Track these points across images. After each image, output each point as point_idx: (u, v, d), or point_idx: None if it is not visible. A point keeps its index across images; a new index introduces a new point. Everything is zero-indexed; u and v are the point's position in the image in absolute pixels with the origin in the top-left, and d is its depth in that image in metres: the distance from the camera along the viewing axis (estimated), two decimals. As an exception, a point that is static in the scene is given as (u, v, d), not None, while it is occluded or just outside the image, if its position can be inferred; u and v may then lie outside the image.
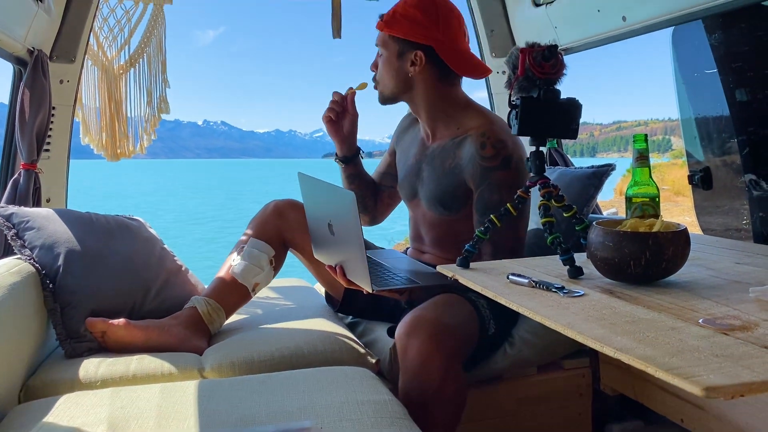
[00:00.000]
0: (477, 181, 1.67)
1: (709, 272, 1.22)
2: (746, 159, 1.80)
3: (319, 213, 1.69)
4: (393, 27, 1.73)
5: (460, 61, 1.73)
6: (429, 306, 1.60)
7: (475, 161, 1.66)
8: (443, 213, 1.77)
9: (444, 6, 1.73)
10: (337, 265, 1.65)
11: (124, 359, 1.58)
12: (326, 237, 1.66)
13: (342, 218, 1.53)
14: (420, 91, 1.77)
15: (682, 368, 0.73)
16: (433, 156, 1.79)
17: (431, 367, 1.48)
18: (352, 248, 1.53)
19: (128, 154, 2.79)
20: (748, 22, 1.73)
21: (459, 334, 1.56)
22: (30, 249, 1.71)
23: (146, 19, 2.75)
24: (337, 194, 1.54)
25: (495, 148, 1.65)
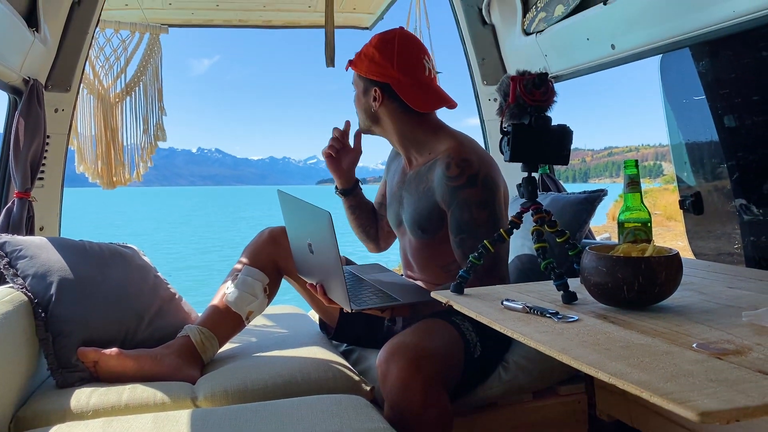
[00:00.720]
0: (447, 201, 1.69)
1: (702, 297, 1.23)
2: (736, 184, 1.82)
3: (299, 232, 1.71)
4: (356, 66, 1.82)
5: (415, 97, 1.76)
6: (409, 331, 1.61)
7: (442, 182, 1.69)
8: (423, 237, 1.80)
9: (401, 43, 1.78)
10: (318, 283, 1.67)
11: (116, 389, 1.57)
12: (307, 256, 1.67)
13: (320, 237, 1.54)
14: (387, 124, 1.83)
15: (677, 393, 0.73)
16: (410, 182, 1.83)
17: (411, 392, 1.47)
18: (330, 267, 1.55)
19: (124, 181, 2.80)
20: (734, 49, 1.76)
21: (441, 359, 1.56)
22: (22, 278, 1.70)
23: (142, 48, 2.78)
24: (314, 213, 1.54)
25: (459, 167, 1.67)
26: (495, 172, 1.71)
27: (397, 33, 1.80)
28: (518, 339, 1.02)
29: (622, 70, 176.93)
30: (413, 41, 1.81)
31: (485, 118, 2.81)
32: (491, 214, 1.66)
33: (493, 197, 1.68)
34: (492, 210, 1.67)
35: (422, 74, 1.79)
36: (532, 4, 2.45)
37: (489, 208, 1.66)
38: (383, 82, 1.78)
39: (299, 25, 3.14)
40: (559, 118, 1.32)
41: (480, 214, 1.65)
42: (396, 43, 1.77)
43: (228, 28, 3.12)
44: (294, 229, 1.75)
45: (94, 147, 2.73)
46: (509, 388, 1.77)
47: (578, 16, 2.14)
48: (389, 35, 1.79)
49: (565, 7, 2.20)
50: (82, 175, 2.75)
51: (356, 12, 3.08)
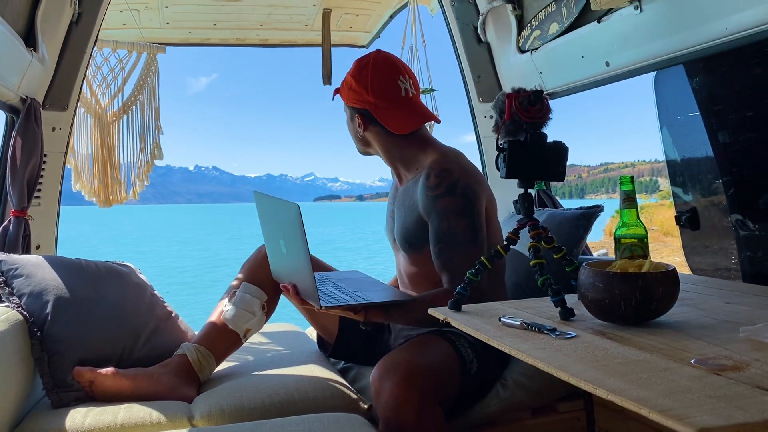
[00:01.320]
0: (427, 211, 1.69)
1: (699, 312, 1.23)
2: (732, 199, 1.83)
3: (272, 231, 1.70)
4: (341, 94, 1.85)
5: (392, 119, 1.77)
6: (404, 348, 1.60)
7: (422, 192, 1.70)
8: (411, 252, 1.79)
9: (375, 68, 1.78)
10: (290, 283, 1.65)
11: (112, 408, 1.55)
12: (280, 255, 1.66)
13: (290, 232, 1.53)
14: (375, 146, 1.85)
15: (676, 409, 0.73)
16: (400, 198, 1.83)
17: (405, 409, 1.46)
18: (300, 262, 1.53)
19: (120, 200, 2.80)
20: (727, 66, 1.78)
21: (435, 375, 1.54)
22: (18, 296, 1.69)
23: (140, 68, 2.80)
24: (283, 207, 1.54)
25: (438, 177, 1.67)
26: (477, 183, 1.70)
27: (371, 58, 1.80)
28: (516, 356, 1.02)
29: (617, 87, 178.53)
30: (387, 63, 1.80)
31: (481, 135, 2.83)
32: (470, 224, 1.65)
33: (472, 207, 1.66)
34: (470, 220, 1.65)
35: (398, 96, 1.77)
36: (526, 22, 2.47)
37: (467, 218, 1.65)
38: (362, 109, 1.79)
39: (296, 44, 3.17)
40: (554, 134, 1.32)
41: (458, 223, 1.64)
42: (370, 68, 1.77)
43: (225, 46, 3.15)
44: (268, 230, 1.74)
45: (91, 165, 2.74)
46: (508, 406, 1.76)
47: (572, 33, 2.16)
48: (364, 61, 1.80)
49: (560, 25, 2.22)
50: (78, 193, 2.75)
51: (352, 30, 3.11)
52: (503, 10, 2.55)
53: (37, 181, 2.16)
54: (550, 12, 2.29)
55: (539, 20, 2.36)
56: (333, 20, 2.92)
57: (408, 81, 1.80)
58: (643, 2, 1.81)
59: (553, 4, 2.26)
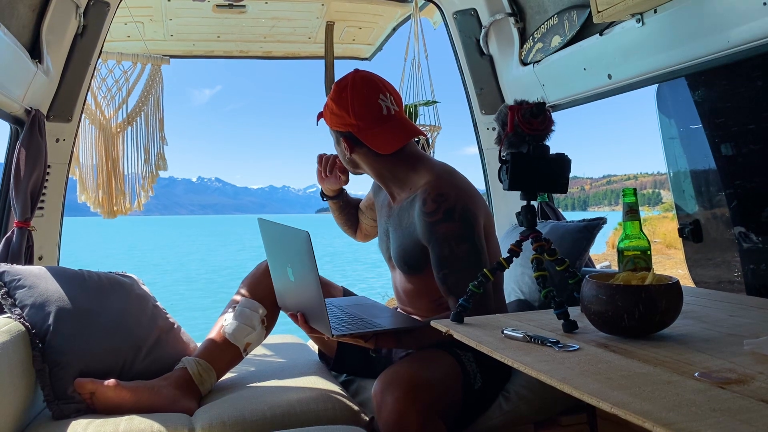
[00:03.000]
0: (426, 237, 1.67)
1: (703, 325, 1.22)
2: (735, 212, 1.83)
3: (278, 259, 1.68)
4: (325, 118, 1.83)
5: (376, 140, 1.74)
6: (406, 361, 1.59)
7: (421, 218, 1.67)
8: (410, 272, 1.78)
9: (353, 89, 1.74)
10: (298, 312, 1.64)
11: (113, 420, 1.55)
12: (287, 283, 1.64)
13: (299, 260, 1.52)
14: (366, 168, 1.84)
15: (680, 423, 0.72)
16: (395, 218, 1.81)
17: (407, 423, 1.44)
18: (310, 291, 1.51)
19: (125, 211, 2.81)
20: (729, 79, 1.78)
21: (438, 389, 1.53)
22: (20, 308, 1.69)
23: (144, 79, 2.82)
24: (292, 235, 1.51)
25: (436, 202, 1.65)
26: (474, 203, 1.68)
27: (349, 79, 1.77)
28: (519, 368, 1.02)
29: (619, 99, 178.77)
30: (366, 82, 1.76)
31: (484, 146, 2.83)
32: (471, 248, 1.63)
33: (472, 230, 1.64)
34: (471, 243, 1.63)
35: (379, 114, 1.74)
36: (529, 34, 2.48)
37: (468, 242, 1.63)
38: (346, 132, 1.77)
39: (299, 56, 3.18)
40: (557, 146, 1.33)
41: (459, 248, 1.62)
42: (348, 90, 1.74)
43: (229, 59, 3.17)
44: (275, 258, 1.72)
45: (96, 176, 2.74)
46: (510, 419, 1.75)
47: (575, 46, 2.17)
48: (342, 83, 1.77)
49: (562, 37, 2.23)
50: (83, 204, 2.76)
51: (355, 43, 3.12)
52: (506, 22, 2.57)
53: (41, 192, 2.16)
54: (553, 25, 2.30)
55: (541, 33, 2.37)
56: (336, 33, 2.94)
57: (389, 98, 1.76)
58: (645, 15, 1.82)
59: (556, 17, 2.27)
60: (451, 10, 2.69)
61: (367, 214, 2.15)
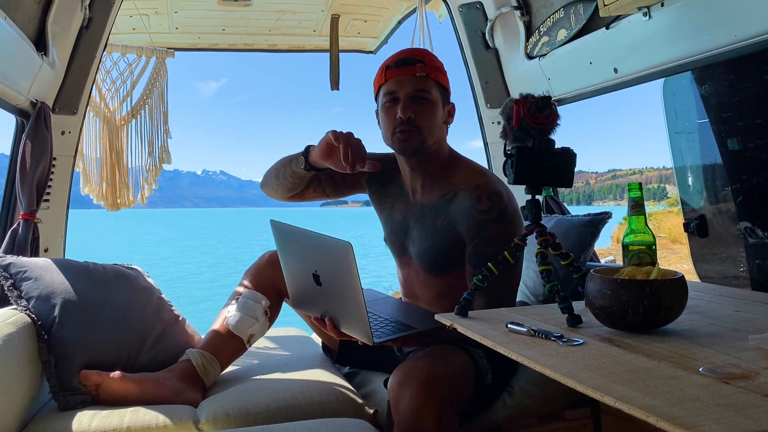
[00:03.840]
0: (472, 234, 1.63)
1: (707, 320, 1.22)
2: (740, 207, 1.82)
3: (299, 263, 1.62)
4: (437, 75, 1.69)
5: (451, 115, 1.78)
6: (422, 356, 1.57)
7: (471, 215, 1.63)
8: (438, 272, 1.73)
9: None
10: (325, 316, 1.60)
11: (118, 412, 1.56)
12: (310, 287, 1.58)
13: (335, 270, 1.48)
14: (439, 145, 1.74)
15: (684, 418, 0.72)
16: (422, 214, 1.75)
17: (424, 418, 1.44)
18: (348, 300, 1.48)
19: (128, 203, 2.81)
20: (737, 73, 1.77)
21: (453, 385, 1.52)
22: (26, 299, 1.70)
23: (148, 72, 2.82)
24: (330, 245, 1.47)
25: (491, 201, 1.62)
26: (517, 205, 1.67)
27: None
28: (523, 362, 1.02)
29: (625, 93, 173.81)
30: None
31: (489, 140, 2.83)
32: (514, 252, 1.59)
33: (518, 232, 1.61)
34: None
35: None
36: (534, 28, 2.47)
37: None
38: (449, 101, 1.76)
39: (304, 49, 3.18)
40: (562, 140, 1.32)
41: (503, 249, 1.58)
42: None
43: (234, 51, 3.16)
44: (293, 261, 1.67)
45: (100, 169, 2.75)
46: (514, 413, 1.75)
47: (581, 40, 2.16)
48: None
49: (568, 31, 2.22)
50: (86, 196, 2.77)
51: (360, 36, 3.12)
52: (511, 16, 2.56)
53: (47, 184, 2.17)
54: (559, 18, 2.29)
55: (547, 26, 2.36)
56: (341, 26, 2.93)
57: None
58: (652, 9, 1.81)
59: (562, 10, 2.26)
60: (457, 3, 2.68)
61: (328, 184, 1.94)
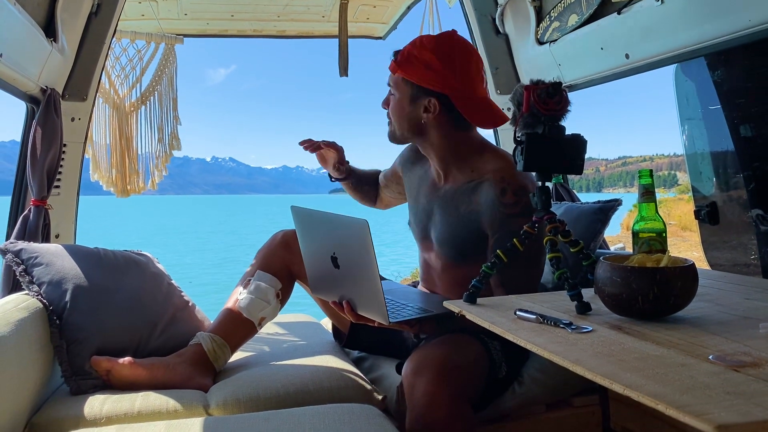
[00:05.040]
0: (495, 227, 1.60)
1: (718, 308, 1.21)
2: (752, 194, 1.80)
3: (319, 247, 1.62)
4: (407, 70, 1.66)
5: (476, 111, 1.66)
6: (437, 344, 1.57)
7: (495, 208, 1.60)
8: (458, 259, 1.70)
9: (462, 50, 1.65)
10: (343, 300, 1.59)
11: (129, 396, 1.57)
12: (329, 271, 1.58)
13: (352, 249, 1.48)
14: (433, 138, 1.71)
15: (694, 405, 0.72)
16: (446, 199, 1.72)
17: (438, 406, 1.44)
18: (365, 280, 1.47)
19: (138, 190, 2.82)
20: (751, 59, 1.75)
21: (466, 374, 1.52)
22: (38, 285, 1.71)
23: (158, 58, 2.81)
24: (347, 224, 1.46)
25: (516, 195, 1.58)
26: None
27: (457, 40, 1.66)
28: (532, 349, 1.02)
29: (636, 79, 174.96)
30: (473, 50, 1.69)
31: (499, 127, 2.81)
32: (538, 247, 1.52)
33: (543, 228, 1.58)
34: (540, 242, 1.51)
35: (481, 87, 1.68)
36: (545, 13, 2.45)
37: (537, 240, 1.50)
38: (441, 93, 1.64)
39: (313, 35, 3.16)
40: (572, 127, 1.32)
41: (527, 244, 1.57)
42: (458, 50, 1.63)
43: (243, 38, 3.15)
44: (313, 246, 1.65)
45: (109, 155, 2.76)
46: (523, 401, 1.76)
47: (592, 25, 2.14)
48: (450, 42, 1.65)
49: (579, 16, 2.20)
50: (96, 182, 2.78)
51: (369, 22, 3.09)
52: (522, 1, 2.53)
53: (57, 170, 2.18)
54: (570, 3, 2.27)
55: (558, 11, 2.34)
56: (350, 11, 2.91)
57: (485, 75, 1.71)
58: (665, -7, 1.78)
59: (573, -5, 2.24)
60: (467, -12, 2.66)
61: (391, 187, 2.07)
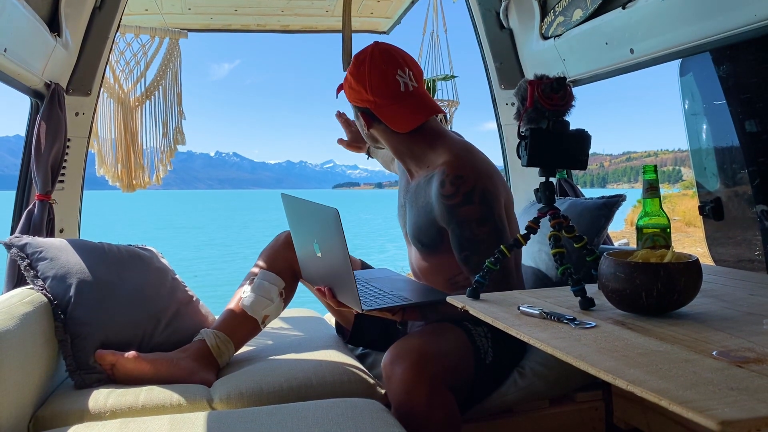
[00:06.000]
0: (445, 219, 1.65)
1: (722, 304, 1.21)
2: (757, 190, 1.80)
3: (304, 234, 1.68)
4: (345, 92, 1.80)
5: (393, 118, 1.71)
6: (415, 334, 1.61)
7: (439, 200, 1.65)
8: (424, 250, 1.77)
9: (371, 64, 1.70)
10: (325, 286, 1.65)
11: (133, 390, 1.58)
12: (313, 258, 1.65)
13: (327, 237, 1.52)
14: (384, 142, 1.82)
15: (697, 401, 0.72)
16: (412, 194, 1.80)
17: (416, 394, 1.47)
18: (338, 267, 1.52)
19: (143, 184, 2.82)
20: (756, 54, 1.74)
21: (446, 362, 1.54)
22: (42, 279, 1.72)
23: (162, 53, 2.81)
24: (320, 212, 1.52)
25: (454, 185, 1.62)
26: (493, 183, 1.65)
27: (368, 53, 1.72)
28: (535, 345, 1.02)
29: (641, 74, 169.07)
30: (385, 57, 1.71)
31: (502, 122, 2.80)
32: (492, 229, 1.61)
33: (491, 212, 1.62)
34: (492, 225, 1.61)
35: (397, 92, 1.70)
36: (550, 8, 2.44)
37: (489, 224, 1.61)
38: (364, 107, 1.74)
39: (317, 30, 3.16)
40: (577, 122, 1.31)
41: (480, 230, 1.61)
42: (366, 64, 1.70)
43: (247, 32, 3.15)
44: (299, 233, 1.73)
45: (114, 150, 2.76)
46: (526, 395, 1.76)
47: (597, 20, 2.13)
48: (361, 57, 1.72)
49: (584, 11, 2.19)
50: (102, 177, 2.78)
51: (373, 16, 3.09)
52: (526, -5, 2.52)
53: (61, 165, 2.18)
54: (574, -2, 2.26)
55: (563, 6, 2.33)
56: (354, 6, 2.90)
57: (408, 73, 1.71)
58: (670, -12, 1.77)
59: (578, -11, 2.23)
60: (471, -18, 2.65)
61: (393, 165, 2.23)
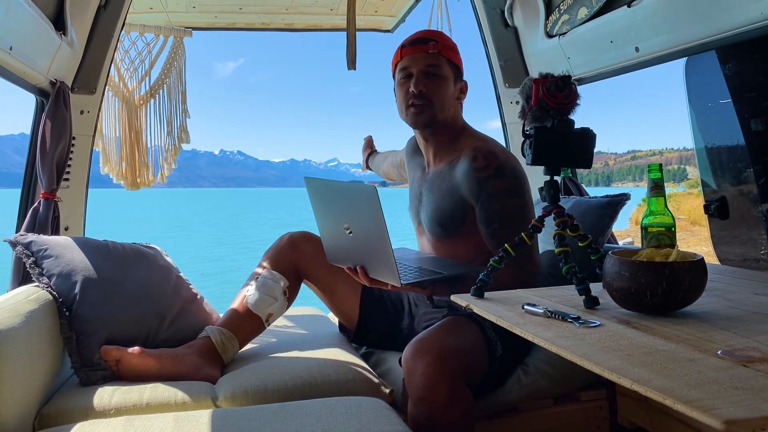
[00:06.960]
0: (475, 193, 1.69)
1: (726, 303, 1.21)
2: (763, 188, 1.79)
3: (332, 216, 1.68)
4: (450, 54, 1.81)
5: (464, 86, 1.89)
6: (434, 329, 1.61)
7: (469, 175, 1.70)
8: (441, 234, 1.80)
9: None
10: (357, 266, 1.65)
11: (138, 388, 1.58)
12: (342, 239, 1.65)
13: (362, 215, 1.53)
14: (453, 120, 1.85)
15: (702, 401, 0.72)
16: (432, 182, 1.84)
17: (437, 389, 1.47)
18: (376, 244, 1.53)
19: (148, 183, 2.83)
20: (762, 52, 1.73)
21: (465, 356, 1.56)
22: (47, 277, 1.72)
23: (166, 52, 2.81)
24: (356, 190, 1.54)
25: (486, 159, 1.69)
26: (520, 165, 1.73)
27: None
28: (539, 344, 1.02)
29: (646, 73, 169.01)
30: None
31: (507, 120, 2.80)
32: (521, 203, 1.67)
33: (522, 186, 1.69)
34: (522, 199, 1.68)
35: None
36: (555, 6, 2.43)
37: (518, 197, 1.67)
38: (457, 64, 1.83)
39: (321, 28, 3.15)
40: (581, 121, 1.31)
41: (510, 202, 1.66)
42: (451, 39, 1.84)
43: (251, 31, 3.15)
44: (327, 215, 1.71)
45: (119, 148, 2.77)
46: (530, 393, 1.76)
47: (602, 18, 2.12)
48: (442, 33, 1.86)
49: (589, 9, 2.18)
50: (106, 176, 2.79)
51: (378, 15, 3.09)
52: (531, -6, 2.51)
53: (66, 163, 2.19)
54: (579, -4, 2.25)
55: (568, 4, 2.32)
56: (358, 4, 2.90)
57: None
58: (676, -14, 1.77)
59: (583, -13, 2.22)
60: (476, -20, 2.64)
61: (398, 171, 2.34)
